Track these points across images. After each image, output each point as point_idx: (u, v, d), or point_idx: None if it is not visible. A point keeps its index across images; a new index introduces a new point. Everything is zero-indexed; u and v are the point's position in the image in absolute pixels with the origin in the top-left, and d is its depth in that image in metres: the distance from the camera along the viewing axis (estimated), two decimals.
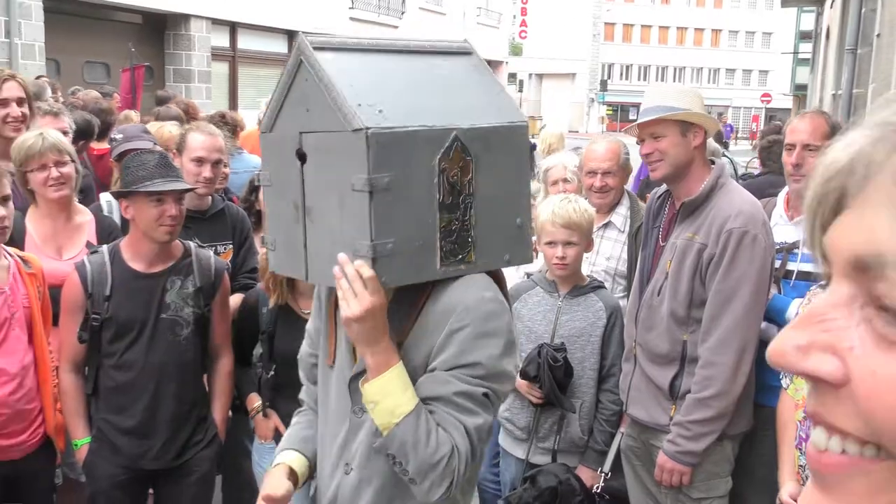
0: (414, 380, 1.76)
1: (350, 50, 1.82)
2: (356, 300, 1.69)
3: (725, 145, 20.14)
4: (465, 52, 1.96)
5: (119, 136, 4.71)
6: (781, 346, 0.58)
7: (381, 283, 1.70)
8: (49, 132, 3.47)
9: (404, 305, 1.81)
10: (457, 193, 1.75)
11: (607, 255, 3.69)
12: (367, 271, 1.68)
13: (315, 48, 1.75)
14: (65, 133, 4.27)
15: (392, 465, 1.76)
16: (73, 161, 3.44)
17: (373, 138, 1.64)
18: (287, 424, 3.15)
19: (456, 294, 1.75)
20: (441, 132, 1.73)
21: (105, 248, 3.08)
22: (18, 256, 3.01)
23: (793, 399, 2.65)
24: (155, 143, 4.46)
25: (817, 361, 0.55)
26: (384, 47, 1.88)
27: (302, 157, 1.80)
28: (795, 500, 2.49)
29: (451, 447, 1.72)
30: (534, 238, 1.83)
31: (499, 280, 1.89)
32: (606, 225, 3.73)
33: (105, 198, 3.95)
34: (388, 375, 1.73)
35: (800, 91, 27.28)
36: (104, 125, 5.56)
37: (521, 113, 1.90)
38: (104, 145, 5.45)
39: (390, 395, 1.72)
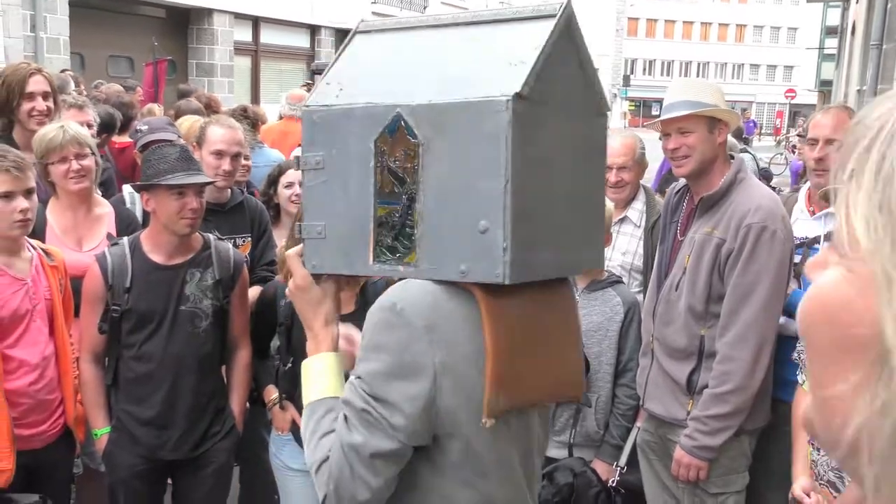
0: None
1: (390, 30, 1.72)
2: (293, 276, 1.70)
3: (747, 141, 20.00)
4: (545, 16, 1.56)
5: (144, 128, 4.76)
6: None
7: (311, 268, 1.65)
8: (70, 125, 3.51)
9: None
10: (399, 181, 1.51)
11: (623, 249, 3.68)
12: (297, 249, 1.67)
13: (358, 32, 1.71)
14: (89, 126, 4.32)
15: None
16: (92, 154, 3.48)
17: (306, 115, 1.59)
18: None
19: (381, 297, 1.56)
20: (382, 109, 1.51)
21: (125, 240, 3.11)
22: (41, 249, 3.05)
23: (807, 394, 2.63)
24: (179, 136, 4.49)
25: None
26: (434, 23, 1.69)
27: None
28: (808, 495, 2.47)
29: (322, 457, 1.56)
30: (505, 244, 1.44)
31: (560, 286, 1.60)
32: (622, 220, 3.72)
33: (127, 190, 3.99)
34: (309, 362, 1.71)
35: (825, 87, 27.00)
36: (126, 119, 5.61)
37: (516, 83, 1.43)
38: (125, 139, 5.49)
39: (305, 382, 1.70)
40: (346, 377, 1.62)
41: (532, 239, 1.48)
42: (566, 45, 1.56)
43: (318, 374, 1.67)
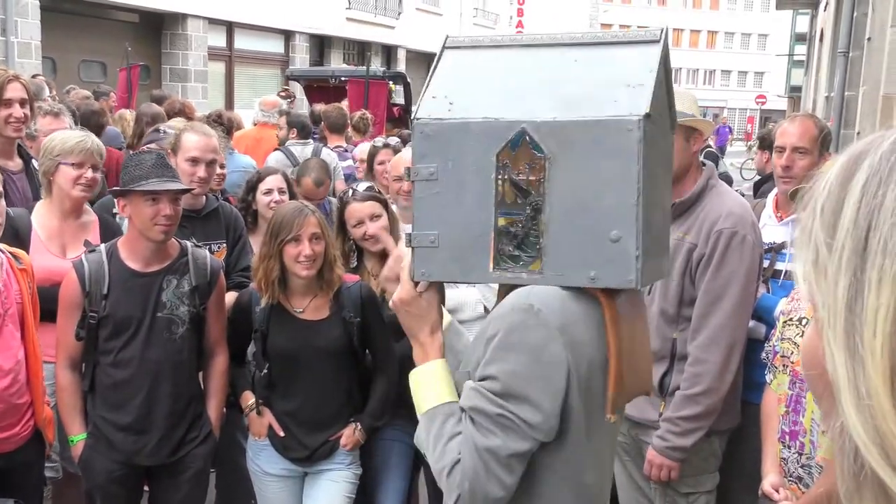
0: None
1: (484, 47, 1.78)
2: (396, 291, 1.73)
3: (722, 150, 20.16)
4: (647, 42, 1.68)
5: (170, 132, 4.73)
6: None
7: (420, 276, 1.67)
8: (93, 136, 3.63)
9: None
10: (522, 193, 1.59)
11: None
12: (403, 262, 1.71)
13: (448, 47, 1.76)
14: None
15: None
16: (101, 171, 3.57)
17: (417, 128, 1.62)
18: (281, 422, 3.19)
19: (505, 301, 1.64)
20: (504, 125, 1.58)
21: (103, 246, 3.11)
22: (10, 253, 3.04)
23: (775, 393, 2.70)
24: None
25: None
26: (529, 43, 1.75)
27: None
28: (777, 491, 2.54)
29: (452, 460, 1.60)
30: (637, 252, 1.55)
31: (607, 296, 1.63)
32: None
33: None
34: (419, 370, 1.73)
35: (795, 93, 27.34)
36: (96, 126, 5.59)
37: (643, 104, 1.54)
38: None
39: (417, 391, 1.71)
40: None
41: (648, 247, 1.60)
42: (664, 69, 1.68)
43: (431, 382, 1.70)
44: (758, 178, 6.47)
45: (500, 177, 1.59)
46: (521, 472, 1.59)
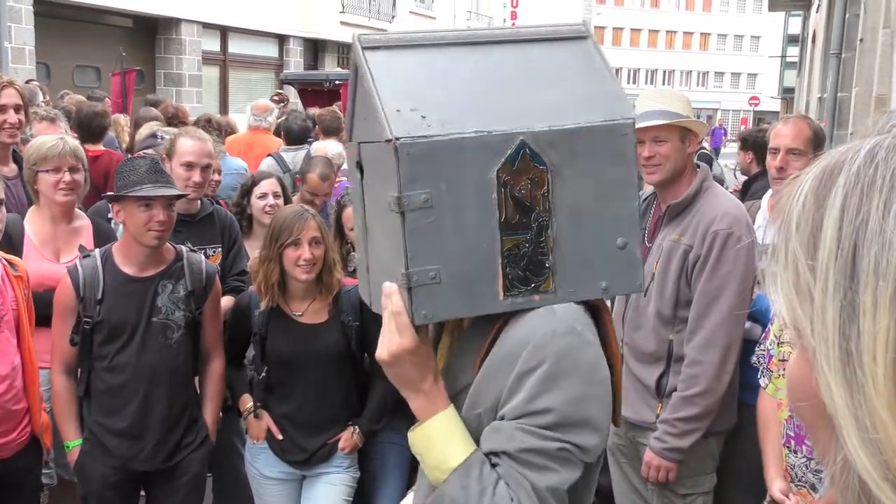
0: (482, 426, 1.50)
1: (410, 46, 1.56)
2: (384, 341, 1.48)
3: (717, 151, 20.18)
4: (578, 37, 1.60)
5: (166, 136, 4.73)
6: None
7: (423, 318, 1.47)
8: (68, 138, 3.57)
9: (477, 340, 1.55)
10: (526, 210, 1.46)
11: None
12: (391, 305, 1.47)
13: (365, 48, 1.52)
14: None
15: None
16: (84, 170, 3.52)
17: (402, 149, 1.39)
18: (279, 426, 3.19)
19: (526, 328, 1.48)
20: (501, 138, 1.43)
21: (97, 251, 3.11)
22: (5, 259, 3.04)
23: (773, 398, 2.70)
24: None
25: None
26: (459, 40, 1.59)
27: (361, 169, 1.61)
28: (787, 496, 2.53)
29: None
30: (639, 255, 1.54)
31: (595, 310, 1.57)
32: None
33: None
34: (432, 424, 1.51)
35: (787, 94, 27.44)
36: (98, 128, 5.60)
37: (628, 106, 1.50)
38: (99, 147, 5.48)
39: (433, 448, 1.50)
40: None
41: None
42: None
43: (452, 433, 1.50)
44: (744, 178, 6.48)
45: (501, 195, 1.44)
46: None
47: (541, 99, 1.50)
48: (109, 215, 3.82)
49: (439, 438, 1.49)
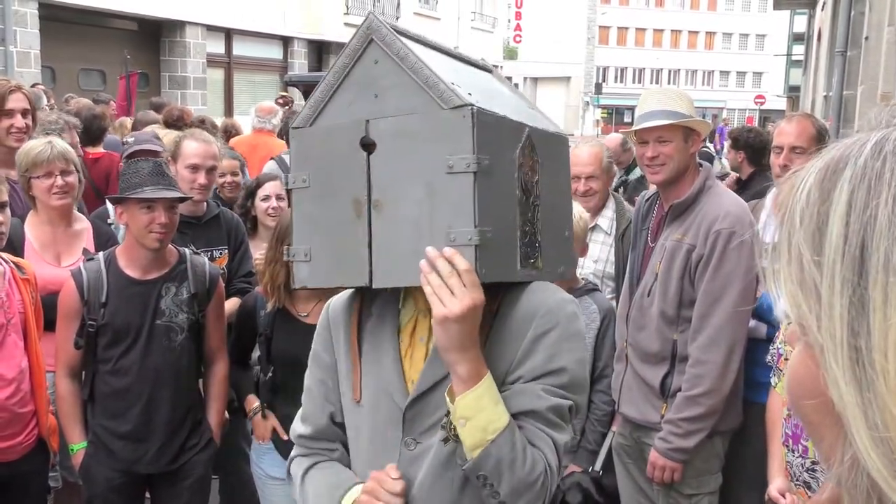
0: None
1: (417, 41, 1.69)
2: (454, 297, 1.47)
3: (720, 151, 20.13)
4: (487, 69, 1.98)
5: (130, 140, 4.77)
6: None
7: (483, 275, 1.51)
8: (57, 141, 3.54)
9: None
10: (528, 193, 1.65)
11: (594, 257, 3.74)
12: (463, 263, 1.48)
13: (396, 31, 1.63)
14: (73, 146, 4.33)
15: (482, 487, 1.54)
16: (77, 171, 3.50)
17: (478, 116, 1.50)
18: (285, 426, 3.19)
19: (536, 298, 1.61)
20: (518, 126, 1.64)
21: (101, 255, 3.11)
22: (13, 262, 3.05)
23: (781, 396, 2.69)
24: (164, 149, 4.51)
25: None
26: (439, 48, 1.79)
27: (368, 146, 1.60)
28: (784, 496, 2.53)
29: (544, 465, 1.56)
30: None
31: None
32: (593, 228, 3.78)
33: (111, 203, 4.00)
34: (482, 387, 1.52)
35: (793, 93, 27.36)
36: (98, 130, 5.61)
37: (559, 123, 1.89)
38: (99, 149, 5.49)
39: (484, 409, 1.51)
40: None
41: None
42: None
43: (498, 396, 1.55)
44: (736, 175, 6.43)
45: (519, 175, 1.63)
46: None
47: (515, 104, 1.79)
48: (109, 220, 3.83)
49: (489, 402, 1.51)
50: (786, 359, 2.67)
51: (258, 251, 3.67)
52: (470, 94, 1.54)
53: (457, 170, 1.49)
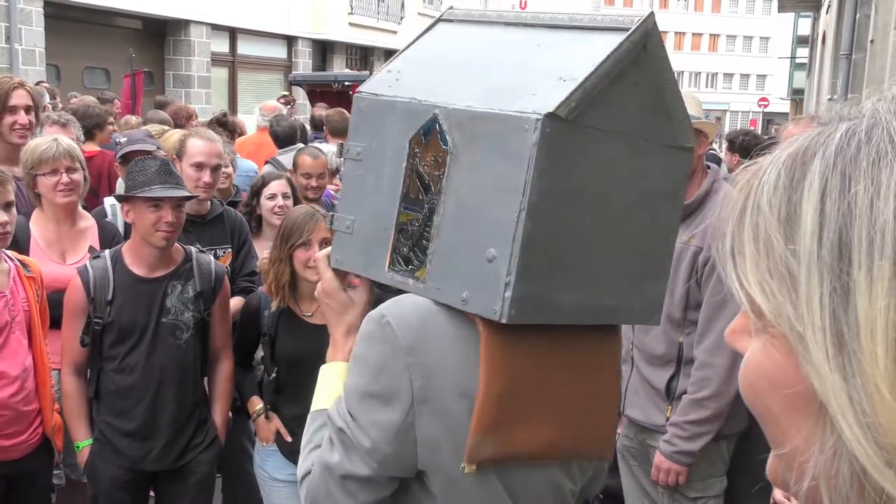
0: None
1: (470, 22, 1.59)
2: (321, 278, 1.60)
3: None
4: (619, 29, 1.36)
5: (123, 140, 4.76)
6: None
7: (334, 262, 1.56)
8: (62, 139, 3.54)
9: None
10: (424, 188, 1.39)
11: None
12: (321, 253, 1.62)
13: (442, 20, 1.63)
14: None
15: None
16: (82, 168, 3.51)
17: (355, 101, 1.52)
18: (288, 427, 3.19)
19: (375, 308, 1.46)
20: (423, 108, 1.39)
21: (107, 252, 3.12)
22: (18, 260, 3.05)
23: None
24: (158, 147, 4.51)
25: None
26: (511, 20, 1.52)
27: None
28: (789, 501, 2.52)
29: (305, 470, 1.48)
30: (508, 278, 1.29)
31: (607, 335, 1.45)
32: None
33: (109, 202, 4.00)
34: (322, 369, 1.61)
35: (797, 95, 27.37)
36: (93, 127, 5.60)
37: (552, 102, 1.26)
38: (94, 147, 5.48)
39: (317, 390, 1.58)
40: None
41: (549, 277, 1.32)
42: (639, 64, 1.36)
43: (326, 384, 1.57)
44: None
45: (408, 166, 1.41)
46: (367, 501, 1.40)
47: (488, 79, 1.40)
48: (107, 219, 3.83)
49: (319, 385, 1.58)
50: None
51: (263, 250, 3.66)
52: (398, 79, 1.49)
53: (345, 156, 1.54)
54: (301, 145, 6.40)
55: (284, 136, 6.73)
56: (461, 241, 1.34)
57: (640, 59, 1.36)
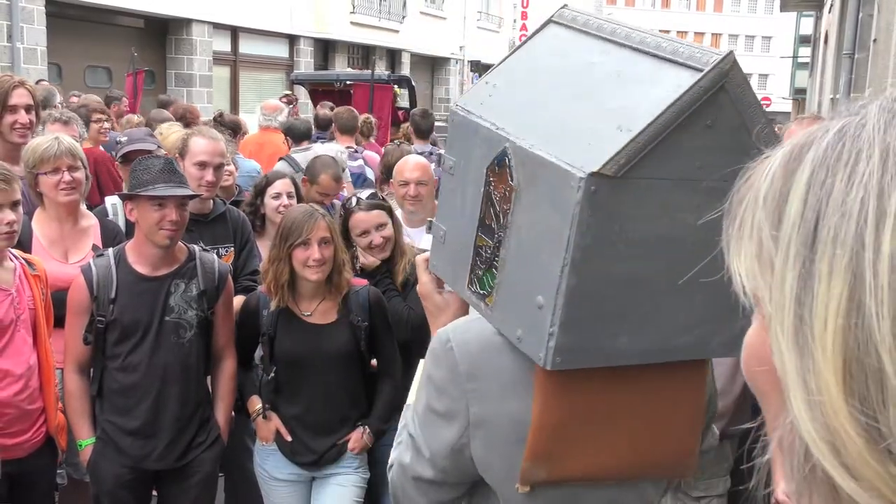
0: None
1: (581, 32, 1.50)
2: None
3: None
4: (692, 68, 1.27)
5: (123, 139, 4.76)
6: None
7: (432, 266, 1.61)
8: (64, 137, 3.54)
9: None
10: (496, 217, 1.38)
11: None
12: (420, 257, 1.72)
13: (553, 21, 1.57)
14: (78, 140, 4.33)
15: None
16: (84, 167, 3.50)
17: (451, 112, 1.53)
18: (288, 427, 3.19)
19: (446, 326, 1.55)
20: (498, 137, 1.38)
21: (111, 251, 3.12)
22: (24, 259, 3.05)
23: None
24: (159, 146, 4.51)
25: None
26: (611, 37, 1.45)
27: None
28: (789, 500, 2.52)
29: (391, 462, 1.60)
30: (552, 329, 1.28)
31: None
32: None
33: (110, 201, 4.00)
34: (422, 363, 1.62)
35: (799, 95, 27.32)
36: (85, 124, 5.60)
37: (600, 158, 1.21)
38: (87, 145, 5.49)
39: (413, 383, 1.67)
40: None
41: (601, 325, 1.31)
42: (715, 104, 1.27)
43: (418, 380, 1.63)
44: None
45: (485, 192, 1.41)
46: (438, 500, 1.51)
47: (563, 116, 1.36)
48: (108, 216, 3.83)
49: (416, 379, 1.65)
50: None
51: (266, 249, 3.66)
52: (491, 95, 1.47)
53: (443, 167, 1.55)
54: (311, 147, 6.41)
55: (301, 133, 6.76)
56: (520, 280, 1.35)
57: (717, 99, 1.27)
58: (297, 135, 6.79)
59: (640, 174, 1.24)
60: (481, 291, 1.43)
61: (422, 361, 1.61)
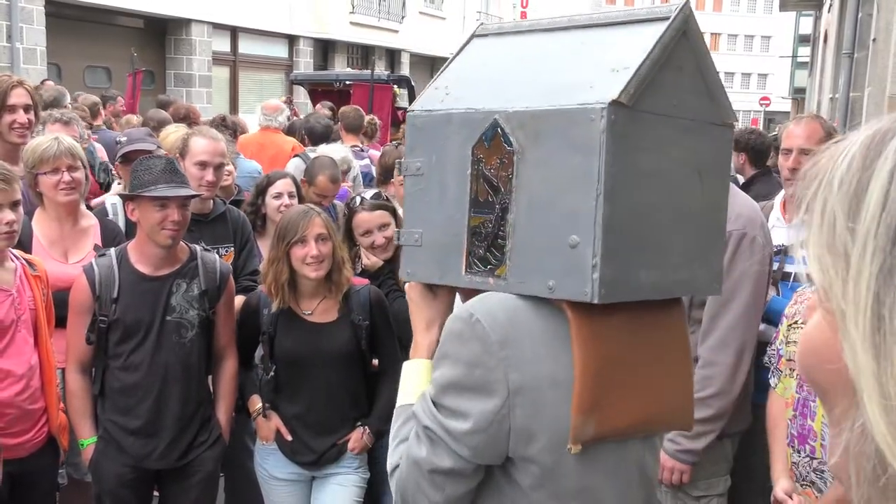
0: None
1: (505, 34, 1.68)
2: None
3: None
4: (659, 19, 1.46)
5: (123, 139, 4.76)
6: None
7: (406, 276, 1.63)
8: (64, 137, 3.54)
9: None
10: (493, 190, 1.47)
11: None
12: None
13: (476, 35, 1.70)
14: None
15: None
16: (84, 167, 3.51)
17: (408, 119, 1.59)
18: (289, 426, 3.19)
19: (460, 306, 1.55)
20: (481, 115, 1.47)
21: (113, 251, 3.12)
22: (24, 259, 3.05)
23: (782, 398, 2.69)
24: (159, 146, 4.50)
25: None
26: (547, 27, 1.62)
27: None
28: (790, 497, 2.53)
29: (393, 464, 1.56)
30: (595, 260, 1.35)
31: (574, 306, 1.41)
32: None
33: (110, 200, 4.00)
34: (405, 365, 1.68)
35: (798, 94, 27.32)
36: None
37: (615, 89, 1.35)
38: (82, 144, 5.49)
39: (400, 386, 1.66)
40: None
41: (629, 257, 1.41)
42: (681, 49, 1.46)
43: (408, 379, 1.64)
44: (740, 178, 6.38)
45: (473, 172, 1.49)
46: (455, 493, 1.48)
47: (542, 81, 1.48)
48: (108, 216, 3.83)
49: (402, 380, 1.66)
50: (787, 359, 2.67)
51: (267, 249, 3.66)
52: (448, 94, 1.56)
53: (404, 173, 1.60)
54: (322, 146, 6.41)
55: (320, 133, 6.78)
56: (539, 234, 1.42)
57: (682, 44, 1.46)
58: (315, 136, 6.82)
59: (643, 107, 1.39)
60: (487, 267, 1.49)
61: (406, 364, 1.68)
